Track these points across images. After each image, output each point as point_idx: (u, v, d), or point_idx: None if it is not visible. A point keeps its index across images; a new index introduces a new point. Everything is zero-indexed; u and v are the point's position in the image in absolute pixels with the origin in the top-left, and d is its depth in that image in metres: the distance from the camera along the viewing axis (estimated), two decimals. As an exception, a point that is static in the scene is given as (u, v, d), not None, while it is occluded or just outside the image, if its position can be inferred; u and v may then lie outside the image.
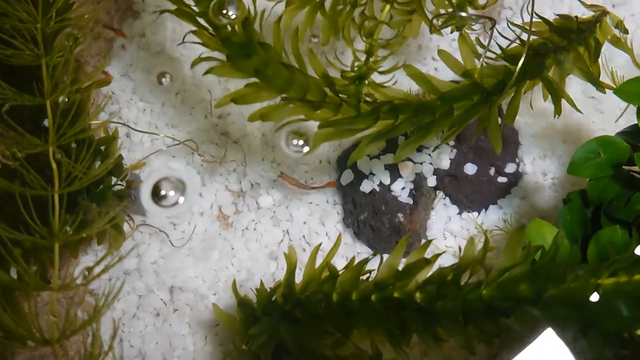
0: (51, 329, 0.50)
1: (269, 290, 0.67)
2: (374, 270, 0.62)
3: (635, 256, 0.48)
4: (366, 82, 0.62)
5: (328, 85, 0.62)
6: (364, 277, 0.62)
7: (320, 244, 0.64)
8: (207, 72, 0.63)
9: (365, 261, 0.59)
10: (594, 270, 0.50)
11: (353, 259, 0.60)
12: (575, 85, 0.85)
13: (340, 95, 0.62)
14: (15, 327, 0.52)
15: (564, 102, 0.82)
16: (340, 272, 0.62)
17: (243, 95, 0.64)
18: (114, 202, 0.75)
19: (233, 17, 0.62)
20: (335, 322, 0.61)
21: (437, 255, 0.57)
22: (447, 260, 0.77)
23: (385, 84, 0.63)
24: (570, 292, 0.49)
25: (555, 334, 0.63)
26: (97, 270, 0.59)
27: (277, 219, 0.83)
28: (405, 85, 0.69)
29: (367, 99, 0.62)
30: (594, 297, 0.49)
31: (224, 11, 0.63)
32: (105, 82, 0.72)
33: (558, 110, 0.65)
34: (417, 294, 0.55)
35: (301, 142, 0.68)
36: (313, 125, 0.66)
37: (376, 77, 0.65)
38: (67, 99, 0.57)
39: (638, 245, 0.49)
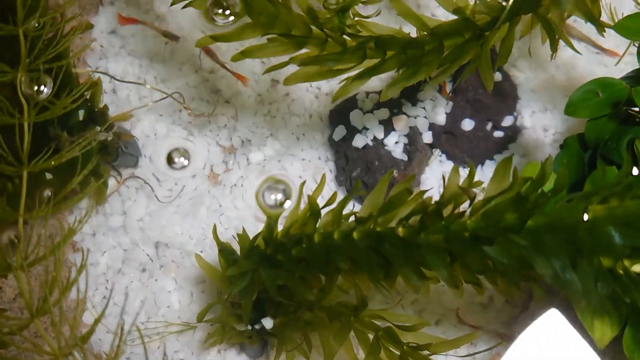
0: (17, 256, 0.48)
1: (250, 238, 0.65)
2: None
3: (628, 179, 0.45)
4: (351, 14, 0.59)
5: (312, 19, 0.59)
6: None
7: (304, 182, 0.62)
8: (186, 6, 0.61)
9: (347, 199, 0.57)
10: (583, 196, 0.46)
11: (334, 196, 0.57)
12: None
13: (324, 30, 0.60)
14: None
15: (566, 55, 0.80)
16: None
17: (225, 33, 0.61)
18: (99, 156, 0.74)
19: None
20: (318, 264, 0.59)
21: (422, 192, 0.54)
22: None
23: (371, 16, 0.60)
24: (557, 219, 0.46)
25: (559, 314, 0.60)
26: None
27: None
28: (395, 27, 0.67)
29: (352, 32, 0.60)
30: (584, 223, 0.45)
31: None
32: (87, 25, 0.70)
33: (554, 48, 0.62)
34: (400, 228, 0.52)
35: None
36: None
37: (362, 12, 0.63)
38: (37, 25, 0.55)
39: (632, 168, 0.45)
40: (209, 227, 0.78)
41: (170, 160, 0.79)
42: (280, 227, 0.63)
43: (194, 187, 0.81)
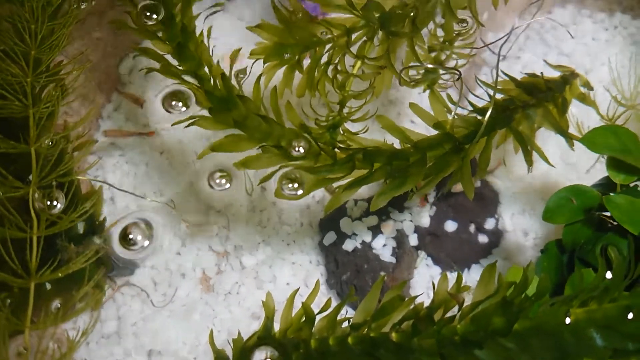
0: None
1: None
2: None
3: (605, 283, 0.49)
4: (340, 130, 0.64)
5: (307, 134, 0.64)
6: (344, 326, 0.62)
7: (298, 289, 0.64)
8: (189, 125, 0.66)
9: (342, 305, 0.59)
10: (564, 300, 0.50)
11: (329, 302, 0.59)
12: (552, 150, 0.87)
13: (319, 144, 0.64)
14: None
15: (541, 167, 0.85)
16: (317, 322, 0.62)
17: (222, 144, 0.66)
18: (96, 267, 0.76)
19: None
20: (313, 370, 0.60)
21: (414, 297, 0.57)
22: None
23: (359, 132, 0.65)
24: (541, 322, 0.49)
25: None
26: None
27: (261, 280, 0.83)
28: (380, 138, 0.72)
29: (342, 146, 0.64)
30: (567, 326, 0.48)
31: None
32: (91, 142, 0.75)
33: (529, 162, 0.67)
34: (393, 333, 0.54)
35: (296, 185, 0.65)
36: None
37: (352, 128, 0.68)
38: (50, 142, 0.59)
39: (606, 272, 0.49)
40: (202, 331, 0.80)
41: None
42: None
43: (186, 291, 0.82)
